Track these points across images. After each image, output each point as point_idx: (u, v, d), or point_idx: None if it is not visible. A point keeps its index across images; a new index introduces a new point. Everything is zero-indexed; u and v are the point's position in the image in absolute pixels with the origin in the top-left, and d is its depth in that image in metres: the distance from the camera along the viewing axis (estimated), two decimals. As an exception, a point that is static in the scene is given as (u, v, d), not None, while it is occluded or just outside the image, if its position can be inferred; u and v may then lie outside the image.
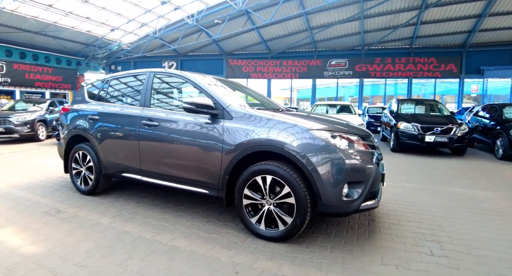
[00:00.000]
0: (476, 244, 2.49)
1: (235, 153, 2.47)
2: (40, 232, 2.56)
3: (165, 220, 2.89)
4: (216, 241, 2.43)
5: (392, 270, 2.06)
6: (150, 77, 3.30)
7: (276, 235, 2.38)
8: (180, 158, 2.83)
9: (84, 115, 3.65)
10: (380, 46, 17.69)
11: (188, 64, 19.78)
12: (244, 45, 18.62)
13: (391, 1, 13.65)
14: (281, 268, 2.03)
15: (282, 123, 2.42)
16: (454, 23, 15.00)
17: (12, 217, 2.91)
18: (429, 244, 2.47)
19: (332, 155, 2.25)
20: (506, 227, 2.87)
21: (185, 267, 2.04)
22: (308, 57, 18.73)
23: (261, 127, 2.44)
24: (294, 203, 2.28)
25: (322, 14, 15.06)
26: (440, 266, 2.12)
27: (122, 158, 3.29)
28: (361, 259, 2.19)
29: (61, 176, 4.59)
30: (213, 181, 2.66)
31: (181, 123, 2.84)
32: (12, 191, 3.76)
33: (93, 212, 3.06)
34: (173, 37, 17.17)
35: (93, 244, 2.36)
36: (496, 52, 16.15)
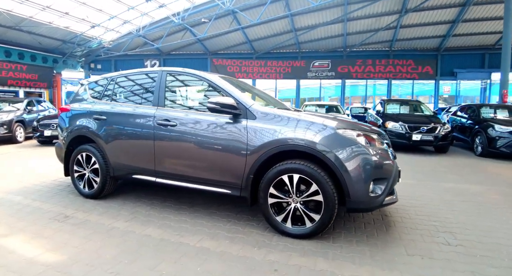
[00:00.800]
0: (483, 233, 2.69)
1: (261, 152, 2.51)
2: (54, 239, 2.44)
3: (184, 221, 2.86)
4: (243, 241, 2.45)
5: (418, 260, 2.19)
6: (163, 76, 3.23)
7: (303, 232, 2.44)
8: (200, 159, 2.81)
9: (89, 115, 3.51)
10: (361, 48, 18.28)
11: (171, 63, 19.43)
12: (229, 45, 18.59)
13: (373, 5, 14.17)
14: (317, 263, 2.10)
15: (309, 123, 2.49)
16: (430, 27, 15.81)
17: (16, 224, 2.74)
18: (443, 235, 2.63)
19: (360, 154, 2.35)
20: (504, 217, 3.11)
21: (222, 268, 2.04)
22: (292, 58, 19.02)
23: (287, 127, 2.50)
24: (322, 201, 2.36)
25: (307, 16, 15.34)
26: (459, 254, 2.28)
27: (134, 160, 3.20)
28: (386, 251, 2.31)
29: (55, 179, 4.39)
30: (236, 181, 2.67)
31: (202, 123, 2.82)
32: (6, 197, 3.53)
33: (104, 217, 2.96)
34: (157, 35, 16.81)
35: (117, 250, 2.27)
36: (468, 56, 17.20)
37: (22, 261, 2.09)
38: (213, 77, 3.04)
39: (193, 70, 3.24)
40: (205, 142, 2.76)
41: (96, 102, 3.61)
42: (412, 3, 13.94)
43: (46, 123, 8.67)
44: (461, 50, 17.19)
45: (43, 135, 8.53)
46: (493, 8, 13.91)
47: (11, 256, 2.16)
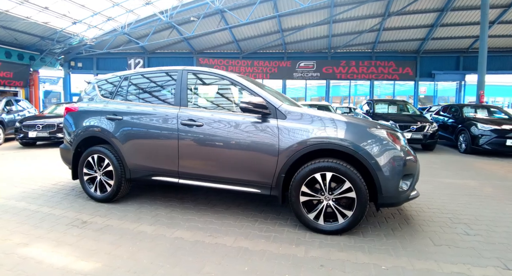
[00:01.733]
0: (493, 223, 2.92)
1: (294, 151, 2.57)
2: (80, 246, 2.35)
3: (210, 222, 2.86)
4: (279, 239, 2.50)
5: (446, 249, 2.35)
6: (184, 75, 3.19)
7: (336, 228, 2.54)
8: (229, 159, 2.82)
9: (101, 114, 3.39)
10: (345, 49, 18.76)
11: (155, 62, 19.02)
12: (215, 44, 18.47)
13: (358, 8, 14.60)
14: (357, 257, 2.21)
15: (340, 122, 2.60)
16: (411, 31, 16.52)
17: (32, 232, 2.61)
18: (459, 226, 2.83)
19: (391, 151, 2.49)
20: (505, 208, 3.37)
21: (268, 266, 2.08)
22: (278, 58, 19.20)
23: (319, 126, 2.59)
24: (354, 197, 2.47)
25: (294, 17, 15.55)
26: (480, 243, 2.47)
27: (155, 161, 3.13)
28: (415, 242, 2.46)
29: (56, 183, 4.22)
30: (266, 180, 2.72)
31: (230, 123, 2.83)
32: (8, 203, 3.34)
33: (125, 221, 2.87)
34: (142, 33, 16.41)
35: (153, 254, 2.23)
36: (444, 58, 18.12)
37: (56, 271, 2.00)
38: (236, 77, 3.06)
39: (215, 69, 3.24)
40: (234, 142, 2.78)
41: (109, 102, 3.49)
42: (395, 6, 14.51)
43: (30, 124, 8.29)
44: (438, 52, 18.08)
45: (27, 136, 8.15)
46: (468, 14, 14.76)
47: (41, 266, 2.06)
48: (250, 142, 2.73)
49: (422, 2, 14.11)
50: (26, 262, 2.10)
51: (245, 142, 2.75)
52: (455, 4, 14.03)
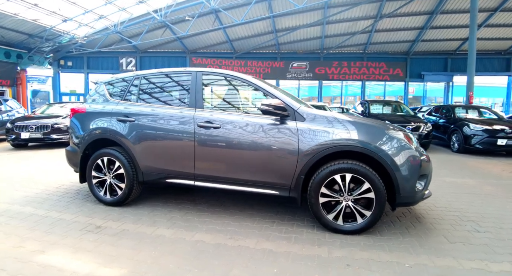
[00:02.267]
0: (498, 220, 3.06)
1: (314, 153, 2.62)
2: (100, 252, 2.31)
3: (228, 224, 2.88)
4: (300, 240, 2.54)
5: (461, 246, 2.46)
6: (198, 77, 3.19)
7: (355, 228, 2.61)
8: (247, 161, 2.84)
9: (111, 115, 3.33)
10: (337, 50, 18.99)
11: (148, 61, 18.79)
12: (208, 44, 18.38)
13: (351, 10, 14.82)
14: (380, 256, 2.28)
15: (359, 124, 2.67)
16: (401, 32, 16.87)
17: (45, 238, 2.53)
18: (468, 223, 2.95)
19: (408, 153, 2.58)
20: (506, 206, 3.52)
21: (296, 267, 2.12)
22: (272, 58, 19.27)
23: (339, 128, 2.65)
24: (373, 198, 2.54)
25: (288, 17, 15.64)
26: (491, 239, 2.59)
27: (170, 163, 3.10)
28: (431, 240, 2.56)
29: (59, 186, 4.12)
30: (285, 182, 2.76)
31: (248, 125, 2.85)
32: (13, 208, 3.24)
33: (141, 225, 2.84)
34: (134, 32, 16.18)
35: (176, 258, 2.22)
36: (433, 60, 18.61)
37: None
38: (252, 78, 3.09)
39: (230, 71, 3.26)
40: (252, 144, 2.80)
41: (120, 103, 3.43)
42: (387, 9, 14.79)
43: (22, 124, 8.07)
44: (427, 54, 18.54)
45: (19, 138, 7.93)
46: (457, 17, 15.19)
47: (64, 274, 2.01)
48: (269, 144, 2.76)
49: (413, 5, 14.44)
50: (47, 271, 2.05)
51: (264, 144, 2.77)
52: (445, 7, 14.42)
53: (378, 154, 2.53)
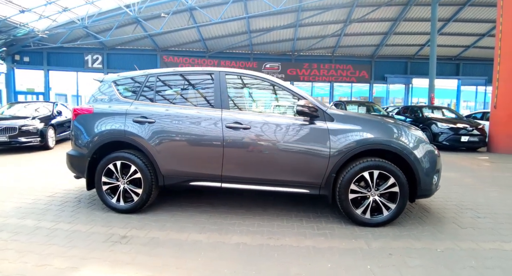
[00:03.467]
0: (490, 207, 3.49)
1: (345, 152, 2.78)
2: (141, 263, 2.17)
3: (259, 225, 2.88)
4: (335, 235, 2.66)
5: (472, 231, 2.79)
6: (222, 77, 3.16)
7: (382, 220, 2.82)
8: (278, 161, 2.90)
9: (127, 117, 3.13)
10: (308, 52, 19.69)
11: (115, 59, 17.87)
12: (181, 42, 17.99)
13: (323, 14, 15.46)
14: (412, 243, 2.51)
15: (384, 124, 2.90)
16: (368, 37, 17.97)
17: (69, 253, 2.30)
18: (468, 211, 3.33)
19: (428, 150, 2.86)
20: (490, 195, 4.01)
21: (346, 260, 2.23)
22: (245, 59, 19.39)
23: (367, 128, 2.85)
24: (397, 191, 2.78)
25: (263, 19, 15.87)
26: (494, 224, 2.97)
27: (196, 166, 3.02)
28: (446, 227, 2.86)
29: (52, 194, 3.75)
30: (315, 180, 2.88)
31: (278, 126, 2.92)
32: (11, 222, 2.88)
33: (169, 231, 2.72)
34: (102, 27, 15.30)
35: (227, 263, 2.19)
36: (395, 63, 20.06)
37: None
38: (276, 79, 3.18)
39: (253, 71, 3.30)
40: (283, 144, 2.87)
41: (134, 103, 3.23)
42: (356, 14, 15.66)
43: (-15, 125, 7.30)
44: (390, 58, 19.93)
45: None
46: (417, 25, 16.57)
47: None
48: (300, 144, 2.86)
49: (380, 11, 15.46)
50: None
51: (295, 144, 2.87)
52: (407, 15, 15.64)
53: (404, 152, 2.78)
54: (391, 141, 2.80)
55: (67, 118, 9.56)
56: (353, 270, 2.11)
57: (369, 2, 14.80)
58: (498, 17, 8.20)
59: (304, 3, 13.38)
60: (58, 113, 9.05)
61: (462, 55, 19.46)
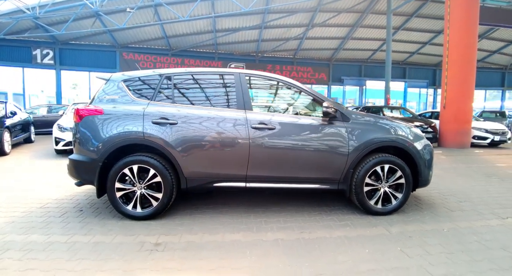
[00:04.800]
0: (464, 193, 4.10)
1: (361, 149, 3.09)
2: (193, 268, 2.16)
3: (285, 222, 2.98)
4: (357, 225, 2.93)
5: (461, 213, 3.31)
6: (242, 78, 3.24)
7: (391, 209, 3.20)
8: (302, 159, 3.08)
9: (145, 118, 3.01)
10: (271, 54, 20.23)
11: (69, 55, 16.45)
12: (142, 39, 17.21)
13: (288, 17, 16.05)
14: (422, 227, 2.91)
15: (392, 123, 3.28)
16: (327, 41, 19.07)
17: (107, 266, 2.18)
18: (449, 197, 3.90)
19: (426, 144, 3.31)
20: (458, 182, 4.71)
21: (378, 246, 2.54)
22: (209, 58, 19.26)
23: (380, 127, 3.20)
24: (403, 183, 3.18)
25: (230, 19, 15.93)
26: (473, 206, 3.55)
27: (221, 167, 3.05)
28: (439, 211, 3.35)
29: (43, 205, 3.43)
30: (335, 176, 3.14)
31: (301, 126, 3.11)
32: (15, 238, 2.59)
33: (201, 233, 2.72)
34: (55, 19, 13.98)
35: (277, 258, 2.29)
36: (351, 66, 21.56)
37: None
38: (294, 82, 3.36)
39: (272, 73, 3.44)
40: (306, 143, 3.08)
41: (151, 104, 3.12)
42: (318, 19, 16.53)
43: None
44: (346, 61, 21.38)
45: None
46: (372, 31, 18.05)
47: None
48: (323, 143, 3.09)
49: (340, 17, 16.54)
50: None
51: (317, 143, 3.09)
52: (363, 22, 16.96)
53: (409, 148, 3.19)
54: (399, 138, 3.20)
55: (22, 119, 8.69)
56: (388, 253, 2.41)
57: (331, 8, 15.75)
58: (446, 30, 9.41)
59: (271, 5, 13.77)
60: (12, 113, 8.18)
61: (408, 61, 21.66)
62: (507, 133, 9.77)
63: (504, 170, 5.96)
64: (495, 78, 23.36)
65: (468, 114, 9.21)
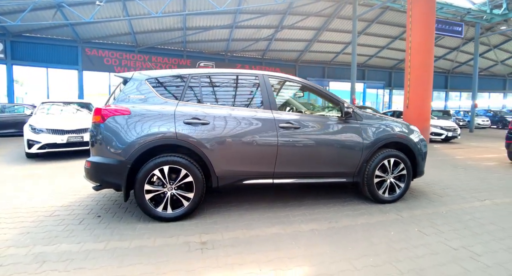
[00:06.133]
0: (447, 182, 4.74)
1: (373, 145, 3.50)
2: (253, 261, 2.29)
3: (310, 214, 3.23)
4: (371, 213, 3.30)
5: (448, 198, 3.88)
6: (266, 80, 3.41)
7: (396, 198, 3.65)
8: (323, 155, 3.38)
9: (177, 118, 3.01)
10: (241, 54, 20.41)
11: (23, 48, 14.96)
12: (107, 34, 16.28)
13: (259, 18, 16.37)
14: (425, 211, 3.40)
15: (396, 121, 3.74)
16: (295, 43, 19.78)
17: (164, 269, 2.18)
18: (434, 185, 4.52)
19: (422, 139, 3.84)
20: (434, 173, 5.41)
21: (398, 228, 2.93)
22: (178, 56, 18.85)
23: (386, 125, 3.63)
24: (405, 174, 3.67)
25: (201, 17, 15.79)
26: (456, 192, 4.17)
27: (252, 165, 3.19)
28: (431, 197, 3.88)
29: (50, 214, 3.21)
30: (351, 170, 3.50)
31: (322, 124, 3.41)
32: (44, 249, 2.45)
33: (241, 230, 2.84)
34: (7, 9, 12.63)
35: (323, 246, 2.50)
36: (315, 68, 22.60)
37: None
38: (311, 83, 3.67)
39: (292, 76, 3.69)
40: (327, 140, 3.38)
41: (180, 104, 3.12)
42: (287, 21, 17.11)
43: None
44: (311, 63, 22.36)
45: None
46: (337, 35, 19.13)
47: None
48: (342, 139, 3.42)
49: (308, 20, 17.28)
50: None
51: (337, 140, 3.41)
52: (329, 26, 17.93)
53: (410, 143, 3.68)
54: (403, 135, 3.68)
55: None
56: (408, 233, 2.82)
57: (300, 11, 16.40)
58: (408, 37, 10.45)
59: (244, 6, 13.96)
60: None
61: (367, 63, 23.32)
62: (457, 130, 11.17)
63: (464, 161, 6.91)
64: (440, 80, 26.13)
65: (428, 113, 10.35)
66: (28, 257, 2.32)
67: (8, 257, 2.33)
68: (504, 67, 26.28)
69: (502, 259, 2.35)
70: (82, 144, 6.84)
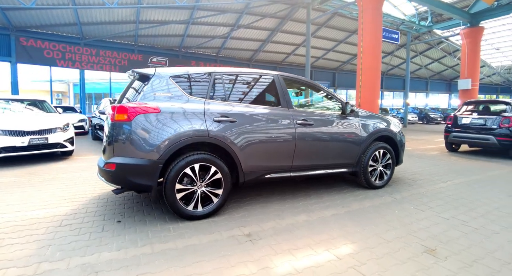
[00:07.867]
0: (410, 169, 5.65)
1: (368, 138, 4.07)
2: (305, 245, 2.50)
3: (322, 202, 3.60)
4: (371, 197, 3.86)
5: (421, 182, 4.68)
6: (280, 80, 3.67)
7: (385, 183, 4.30)
8: (332, 148, 3.82)
9: (207, 116, 3.06)
10: (195, 50, 20.07)
11: None
12: (47, 23, 14.54)
13: (217, 16, 16.37)
14: (413, 193, 4.10)
15: (384, 118, 4.37)
16: (249, 42, 20.19)
17: (231, 261, 2.24)
18: (404, 173, 5.35)
19: (402, 132, 4.56)
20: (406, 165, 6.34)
21: (401, 209, 3.51)
22: (128, 50, 17.77)
23: (377, 121, 4.23)
24: (390, 163, 4.34)
25: (156, 11, 15.16)
26: (430, 176, 5.03)
27: (273, 160, 3.41)
28: (418, 188, 4.65)
29: (62, 223, 2.97)
30: (352, 161, 4.01)
31: (330, 121, 3.84)
32: (87, 260, 2.28)
33: (273, 220, 3.04)
34: None
35: (349, 227, 2.97)
36: (267, 67, 23.26)
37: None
38: (319, 84, 4.09)
39: (303, 77, 4.07)
40: (335, 134, 3.83)
41: (207, 102, 3.15)
42: (244, 20, 17.40)
43: None
44: (264, 63, 23.02)
45: None
46: (289, 36, 20.07)
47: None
48: (346, 133, 3.91)
49: (264, 21, 17.83)
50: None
51: (343, 134, 3.89)
52: (283, 27, 18.75)
53: (395, 136, 4.36)
54: (389, 128, 4.34)
55: None
56: (408, 210, 3.43)
57: (257, 12, 16.84)
58: (359, 42, 11.66)
59: (203, 3, 13.84)
60: None
61: (314, 64, 24.91)
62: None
63: (413, 152, 8.12)
64: (375, 81, 29.20)
65: (377, 111, 11.70)
66: (74, 270, 2.15)
67: (48, 273, 2.11)
68: (427, 70, 30.62)
69: (483, 223, 3.08)
70: (47, 147, 6.23)
